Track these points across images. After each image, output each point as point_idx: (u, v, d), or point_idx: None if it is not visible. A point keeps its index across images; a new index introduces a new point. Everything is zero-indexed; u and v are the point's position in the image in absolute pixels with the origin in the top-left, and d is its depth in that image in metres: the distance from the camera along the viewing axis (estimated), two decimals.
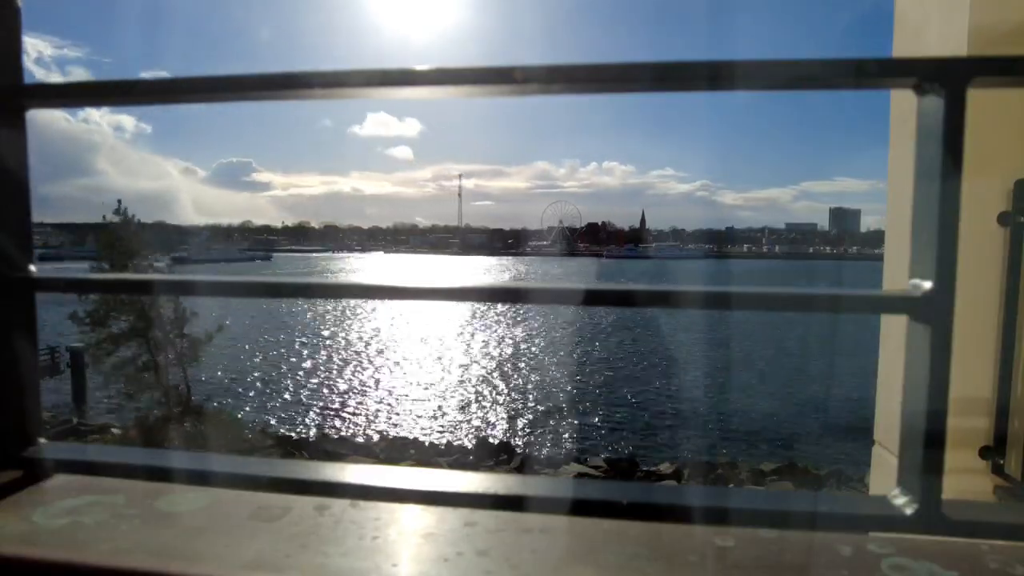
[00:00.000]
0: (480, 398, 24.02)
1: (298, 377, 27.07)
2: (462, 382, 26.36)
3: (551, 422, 21.04)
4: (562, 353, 32.60)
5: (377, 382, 26.34)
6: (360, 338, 36.93)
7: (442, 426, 20.90)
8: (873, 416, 2.35)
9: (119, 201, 19.23)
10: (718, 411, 22.19)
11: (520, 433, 20.15)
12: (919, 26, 2.10)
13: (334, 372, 28.08)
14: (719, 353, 32.55)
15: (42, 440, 0.86)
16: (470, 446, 18.43)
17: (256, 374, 27.03)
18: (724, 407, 22.74)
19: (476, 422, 21.19)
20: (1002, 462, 1.79)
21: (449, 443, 18.83)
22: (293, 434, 19.10)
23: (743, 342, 35.02)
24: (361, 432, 20.15)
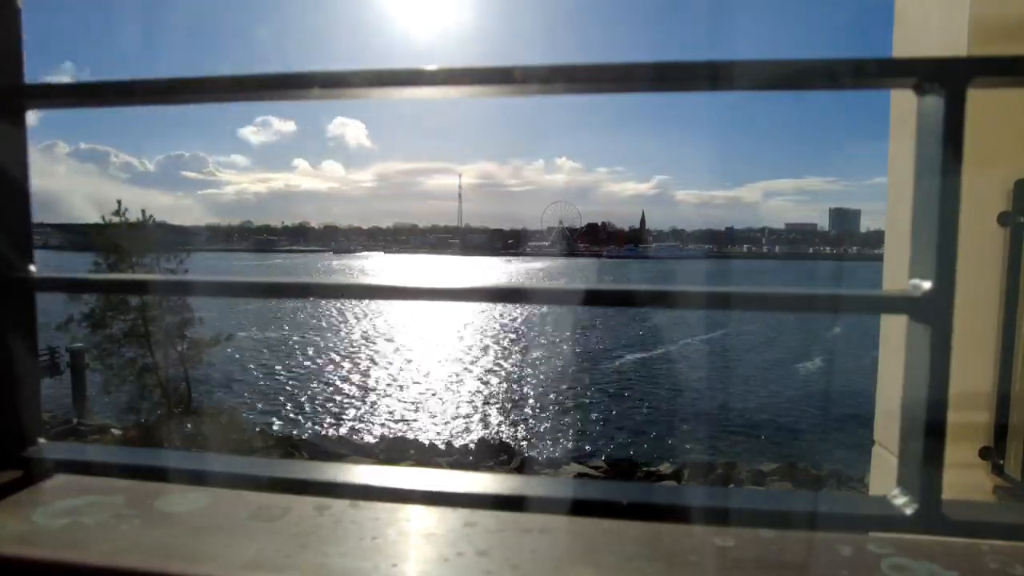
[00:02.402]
0: (480, 398, 24.02)
1: (298, 376, 27.08)
2: (462, 381, 26.38)
3: (562, 422, 21.03)
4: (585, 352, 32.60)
5: (377, 381, 26.37)
6: (359, 337, 36.95)
7: (441, 423, 20.93)
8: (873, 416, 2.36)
9: (119, 201, 19.11)
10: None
11: (521, 434, 20.16)
12: (919, 24, 2.10)
13: (333, 372, 28.08)
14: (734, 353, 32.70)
15: (42, 440, 0.86)
16: (470, 446, 18.43)
17: (256, 373, 27.05)
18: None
19: (477, 422, 21.21)
20: (1002, 462, 1.79)
21: (449, 443, 18.83)
22: (296, 432, 19.11)
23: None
24: (361, 431, 20.19)
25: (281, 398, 23.67)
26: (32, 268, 0.85)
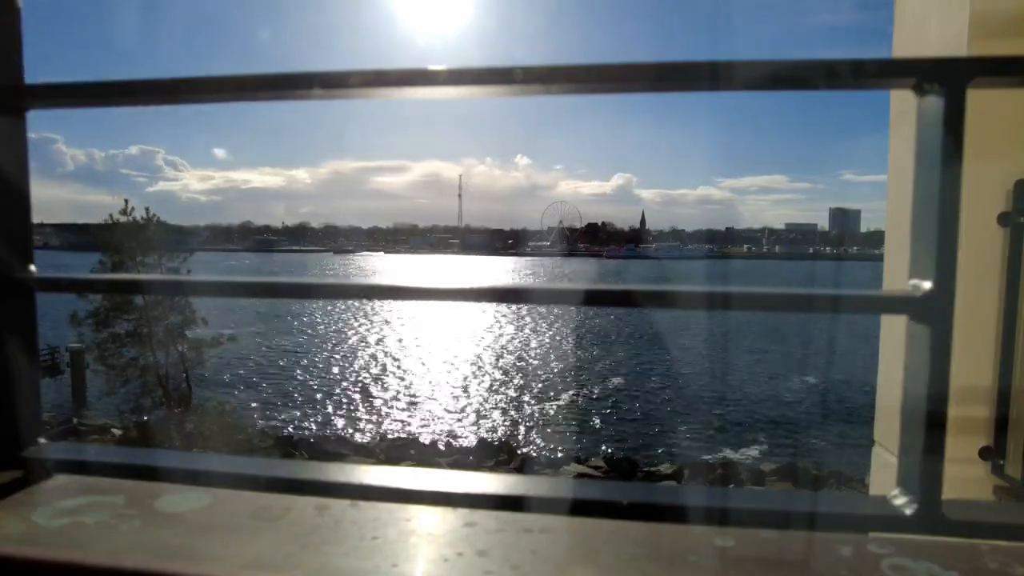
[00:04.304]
0: (480, 398, 24.02)
1: (298, 376, 27.09)
2: (462, 382, 26.39)
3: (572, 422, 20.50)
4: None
5: (377, 382, 26.39)
6: (358, 338, 36.98)
7: (441, 424, 20.92)
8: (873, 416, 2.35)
9: (126, 200, 19.17)
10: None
11: (522, 433, 20.13)
12: (919, 23, 2.10)
13: (333, 372, 28.10)
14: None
15: (42, 440, 0.86)
16: (470, 446, 18.43)
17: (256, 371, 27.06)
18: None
19: (476, 421, 21.20)
20: (1002, 463, 1.79)
21: (449, 443, 18.83)
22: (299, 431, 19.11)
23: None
24: (361, 430, 20.18)
25: (277, 400, 23.59)
26: (32, 268, 0.85)
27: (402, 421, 21.33)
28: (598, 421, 21.01)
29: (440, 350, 32.65)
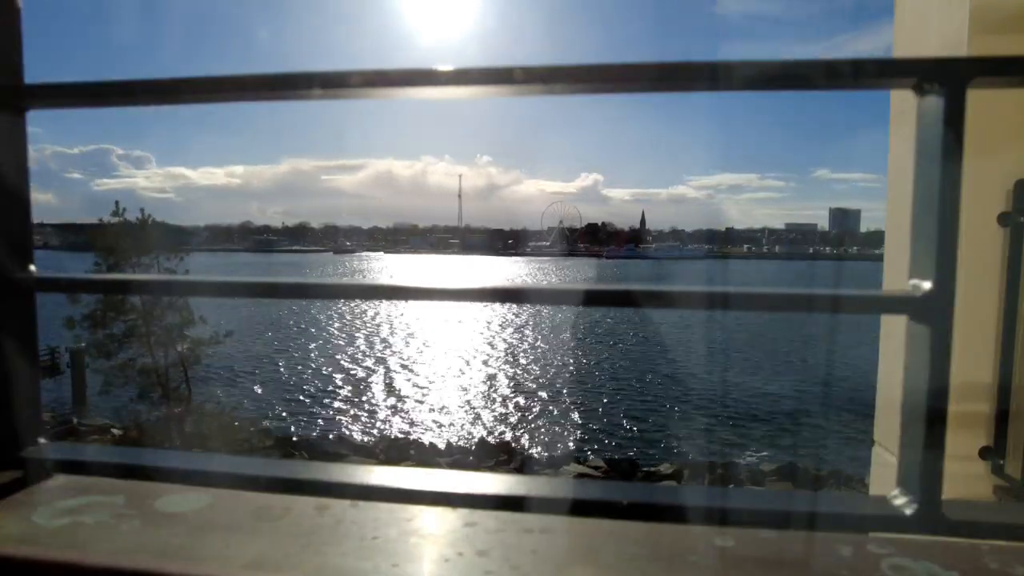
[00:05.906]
0: (480, 398, 24.00)
1: (297, 376, 27.07)
2: (461, 382, 26.37)
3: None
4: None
5: (378, 382, 26.37)
6: (358, 338, 36.96)
7: (442, 424, 20.91)
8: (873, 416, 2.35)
9: (116, 203, 19.11)
10: None
11: (522, 433, 20.12)
12: (919, 22, 2.10)
13: (333, 372, 28.08)
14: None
15: (42, 440, 0.86)
16: (470, 446, 18.42)
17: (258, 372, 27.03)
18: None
19: (477, 422, 21.19)
20: (1002, 463, 1.79)
21: (449, 443, 18.83)
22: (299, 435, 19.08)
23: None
24: (363, 430, 20.15)
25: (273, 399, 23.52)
26: (32, 268, 0.85)
27: (402, 420, 21.34)
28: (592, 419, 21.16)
29: (440, 349, 32.64)
